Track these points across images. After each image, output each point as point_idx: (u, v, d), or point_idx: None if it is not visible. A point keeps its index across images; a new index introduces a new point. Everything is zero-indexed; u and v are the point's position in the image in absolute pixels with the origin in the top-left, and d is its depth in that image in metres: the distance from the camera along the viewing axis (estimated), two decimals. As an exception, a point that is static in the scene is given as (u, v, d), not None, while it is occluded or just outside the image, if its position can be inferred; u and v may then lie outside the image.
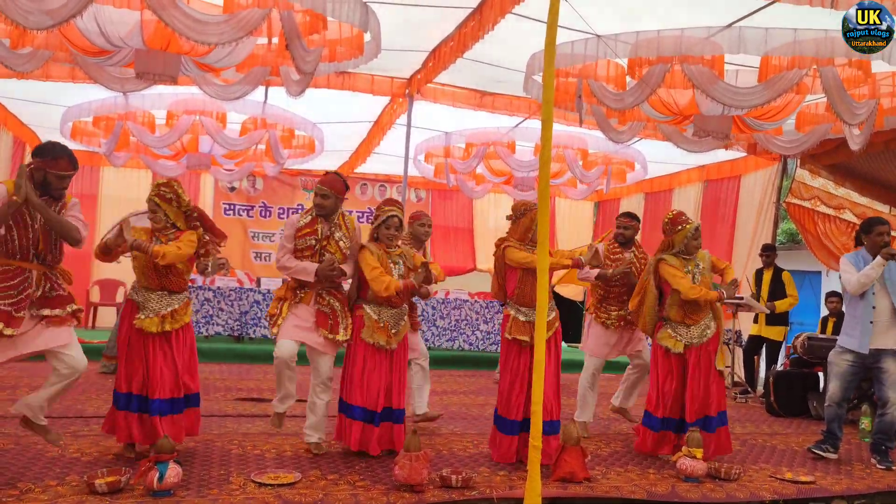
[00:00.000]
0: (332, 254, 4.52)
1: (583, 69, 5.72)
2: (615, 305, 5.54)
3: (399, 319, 4.62)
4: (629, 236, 5.67)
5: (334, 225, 4.60)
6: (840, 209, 9.04)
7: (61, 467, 3.96)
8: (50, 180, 3.80)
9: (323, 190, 4.57)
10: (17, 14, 4.19)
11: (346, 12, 4.84)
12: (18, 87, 7.45)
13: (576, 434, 4.27)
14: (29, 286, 3.77)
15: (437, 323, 9.81)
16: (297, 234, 4.56)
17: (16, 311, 3.70)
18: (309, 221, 4.59)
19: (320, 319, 4.53)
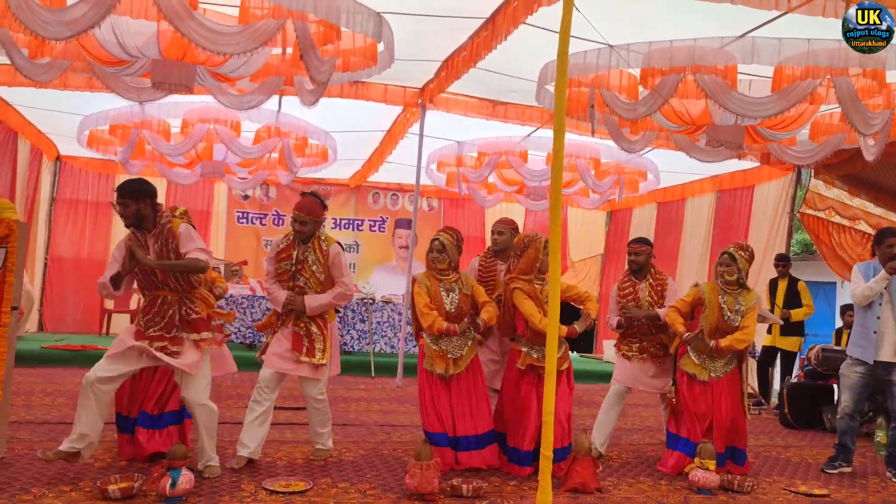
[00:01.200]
0: (306, 278, 4.49)
1: (595, 79, 5.73)
2: (636, 339, 5.28)
3: (461, 347, 4.64)
4: (641, 263, 5.27)
5: (308, 248, 4.54)
6: (855, 220, 8.97)
7: (75, 473, 3.99)
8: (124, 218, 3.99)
9: (301, 217, 4.49)
10: (36, 25, 4.25)
11: (360, 23, 4.88)
12: (36, 96, 7.55)
13: (587, 445, 4.26)
14: (169, 309, 4.00)
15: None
16: (276, 259, 4.57)
17: (167, 332, 3.96)
18: (286, 246, 4.58)
19: (295, 342, 4.47)
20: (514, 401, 4.62)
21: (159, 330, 3.96)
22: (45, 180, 10.73)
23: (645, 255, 5.29)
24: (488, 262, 5.19)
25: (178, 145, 8.02)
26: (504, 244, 5.12)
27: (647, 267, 5.32)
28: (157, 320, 3.98)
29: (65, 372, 7.77)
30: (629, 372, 5.24)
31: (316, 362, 4.46)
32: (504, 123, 7.94)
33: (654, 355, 5.23)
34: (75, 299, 11.07)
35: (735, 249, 5.02)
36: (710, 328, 4.89)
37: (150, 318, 3.99)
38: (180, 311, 4.02)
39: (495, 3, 5.23)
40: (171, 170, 9.14)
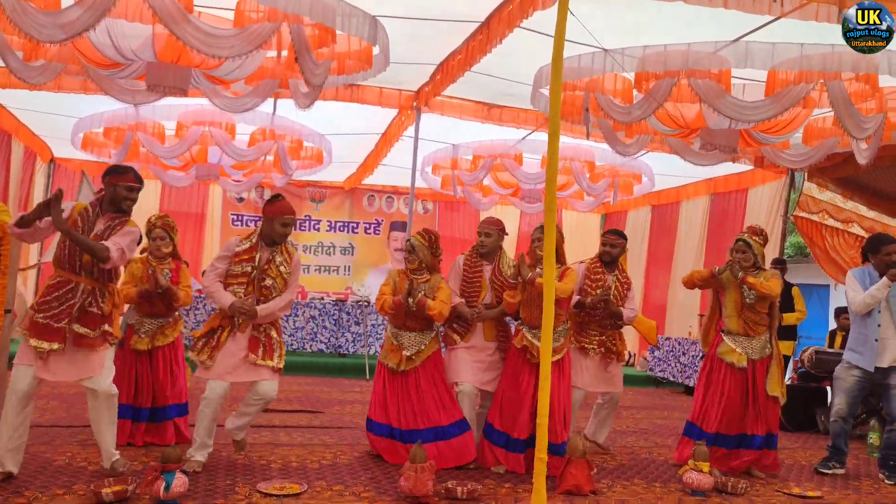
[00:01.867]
0: (273, 279, 4.32)
1: (590, 83, 5.75)
2: (596, 331, 5.21)
3: (418, 344, 4.77)
4: (615, 255, 5.29)
5: (276, 250, 4.38)
6: (848, 223, 9.02)
7: (68, 476, 3.98)
8: (119, 193, 4.01)
9: (288, 220, 4.35)
10: (31, 27, 4.25)
11: (355, 26, 4.89)
12: (30, 98, 7.53)
13: (581, 447, 4.26)
14: (72, 298, 3.86)
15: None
16: (234, 259, 4.33)
17: (55, 322, 3.80)
18: (248, 248, 4.36)
19: (252, 345, 4.29)
20: (510, 387, 4.70)
21: (50, 318, 3.79)
22: (39, 182, 10.69)
23: (620, 248, 5.32)
24: (473, 263, 4.98)
25: (173, 148, 8.01)
26: (491, 247, 4.94)
27: (617, 260, 5.34)
28: (55, 305, 3.82)
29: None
30: (586, 369, 5.18)
31: (274, 366, 4.32)
32: (499, 126, 7.96)
33: (610, 351, 5.22)
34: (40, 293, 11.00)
35: (749, 235, 5.08)
36: (733, 307, 5.01)
37: (49, 301, 3.82)
38: (83, 301, 3.87)
39: (490, 7, 5.25)
40: (166, 172, 9.13)
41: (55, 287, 3.88)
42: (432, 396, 4.72)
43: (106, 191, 4.03)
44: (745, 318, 4.97)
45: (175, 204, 11.60)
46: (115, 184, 4.01)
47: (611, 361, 5.27)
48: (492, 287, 4.92)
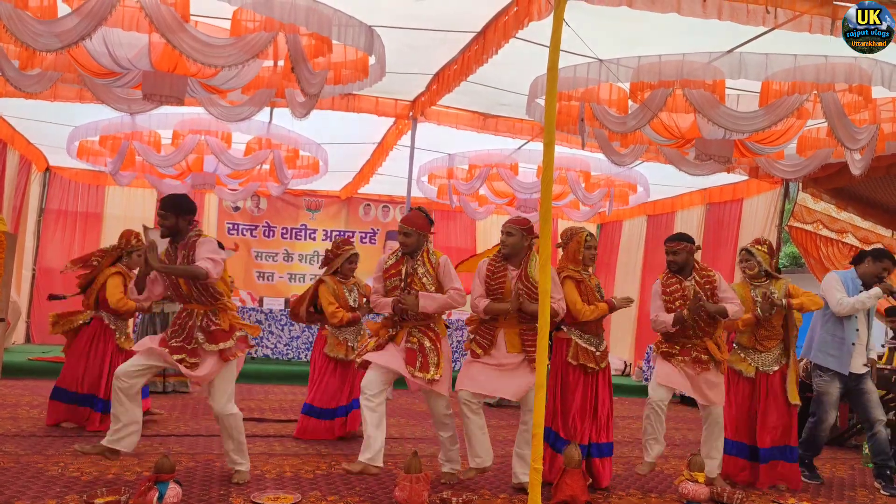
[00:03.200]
0: (417, 290, 4.44)
1: (585, 93, 5.77)
2: (680, 341, 4.80)
3: (357, 338, 5.77)
4: (681, 262, 4.84)
5: (417, 262, 4.52)
6: (842, 233, 9.04)
7: (61, 486, 3.95)
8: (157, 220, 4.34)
9: (404, 228, 4.51)
10: (27, 36, 4.25)
11: (352, 36, 4.91)
12: (26, 107, 7.53)
13: (577, 457, 4.25)
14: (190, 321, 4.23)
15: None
16: (385, 275, 4.55)
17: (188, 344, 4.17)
18: (394, 262, 4.56)
19: (409, 357, 4.40)
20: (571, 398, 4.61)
21: (180, 341, 4.18)
22: (34, 191, 10.67)
23: (684, 253, 4.84)
24: (497, 267, 4.57)
25: (169, 156, 8.01)
26: (514, 247, 4.55)
27: (689, 265, 4.86)
28: (179, 332, 4.21)
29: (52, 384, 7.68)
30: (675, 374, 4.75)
31: (429, 377, 4.34)
32: (495, 136, 7.98)
33: (697, 360, 4.74)
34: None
35: (752, 245, 5.20)
36: (745, 324, 5.01)
37: (175, 330, 4.23)
38: (202, 322, 4.21)
39: (486, 18, 5.27)
40: (162, 181, 9.11)
41: (177, 318, 4.29)
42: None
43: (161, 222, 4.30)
44: (758, 334, 5.02)
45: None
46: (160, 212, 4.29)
47: (704, 371, 4.75)
48: (516, 294, 4.46)
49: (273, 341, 9.80)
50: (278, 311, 10.00)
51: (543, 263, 3.37)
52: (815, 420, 5.34)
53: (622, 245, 12.25)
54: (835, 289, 5.23)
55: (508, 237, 4.55)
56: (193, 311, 4.24)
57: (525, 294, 4.44)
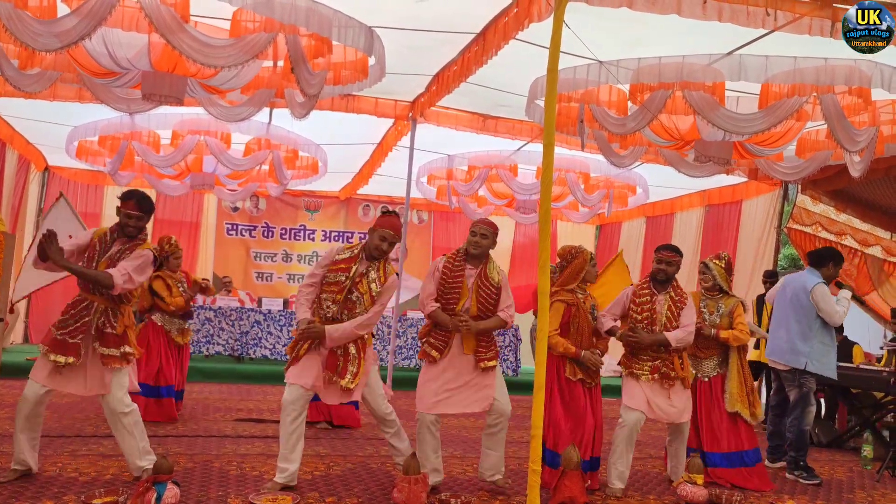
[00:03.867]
0: (361, 294, 4.27)
1: (585, 94, 5.77)
2: (648, 356, 4.74)
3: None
4: (671, 273, 4.82)
5: (373, 266, 4.33)
6: (841, 235, 9.05)
7: (58, 487, 3.94)
8: (122, 219, 4.20)
9: (391, 236, 4.32)
10: (26, 36, 4.25)
11: (351, 37, 4.90)
12: (25, 107, 7.52)
13: (576, 459, 4.25)
14: (87, 315, 4.06)
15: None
16: (332, 266, 4.31)
17: (70, 337, 4.00)
18: (347, 258, 4.33)
19: (330, 362, 4.25)
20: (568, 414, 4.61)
21: (66, 333, 4.00)
22: (33, 191, 10.66)
23: (676, 267, 4.84)
24: (456, 265, 4.46)
25: (168, 157, 8.00)
26: (485, 249, 4.50)
27: (671, 280, 4.87)
28: (71, 322, 4.03)
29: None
30: (643, 395, 4.69)
31: (344, 385, 4.20)
32: (494, 137, 7.98)
33: (667, 377, 4.68)
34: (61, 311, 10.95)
35: (710, 259, 5.28)
36: None
37: (66, 319, 4.05)
38: (97, 320, 4.07)
39: (486, 19, 5.27)
40: (161, 181, 9.12)
41: (73, 305, 4.11)
42: None
43: (119, 215, 4.21)
44: (698, 343, 5.00)
45: (169, 213, 11.57)
46: (120, 210, 4.20)
47: (670, 388, 4.71)
48: (476, 294, 4.40)
49: (272, 342, 9.79)
50: (277, 311, 10.00)
51: (543, 264, 3.36)
52: (800, 413, 5.41)
53: (621, 246, 12.24)
54: (829, 300, 5.37)
55: (483, 239, 4.48)
56: (93, 305, 4.07)
57: (481, 298, 4.41)
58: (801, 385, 5.44)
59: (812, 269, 5.59)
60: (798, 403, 5.44)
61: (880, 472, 5.54)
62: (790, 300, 5.55)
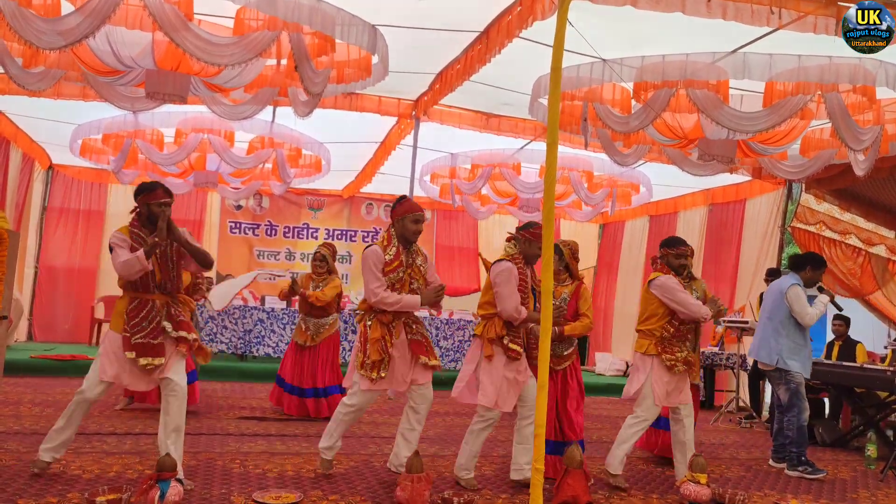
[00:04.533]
0: (417, 281, 4.47)
1: (588, 92, 5.76)
2: (678, 346, 4.75)
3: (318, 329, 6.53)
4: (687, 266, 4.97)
5: (413, 252, 4.52)
6: (845, 234, 9.03)
7: (62, 484, 3.95)
8: (153, 211, 4.09)
9: (418, 216, 4.45)
10: (30, 34, 4.26)
11: (355, 35, 4.91)
12: (29, 105, 7.54)
13: (579, 457, 4.25)
14: (156, 316, 4.06)
15: (440, 343, 9.80)
16: (387, 267, 4.39)
17: (152, 339, 4.01)
18: (395, 254, 4.42)
19: (417, 348, 4.43)
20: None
21: (145, 336, 4.00)
22: (37, 189, 10.69)
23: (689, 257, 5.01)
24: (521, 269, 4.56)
25: (172, 155, 8.02)
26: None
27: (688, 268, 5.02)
28: (145, 325, 4.02)
29: (54, 382, 7.71)
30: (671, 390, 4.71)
31: (434, 363, 4.46)
32: (497, 136, 7.97)
33: (691, 365, 4.80)
34: (65, 308, 11.01)
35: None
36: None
37: (139, 322, 4.02)
38: (165, 314, 4.10)
39: (489, 17, 5.27)
40: (164, 179, 9.10)
41: (137, 309, 4.05)
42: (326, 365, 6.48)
43: (141, 210, 4.13)
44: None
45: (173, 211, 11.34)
46: (147, 203, 4.11)
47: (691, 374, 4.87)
48: (533, 293, 4.57)
49: (275, 339, 9.80)
50: (280, 310, 10.01)
51: (546, 263, 3.36)
52: (797, 411, 5.47)
53: (624, 245, 12.24)
54: (802, 301, 5.50)
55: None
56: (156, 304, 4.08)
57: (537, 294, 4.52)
58: (788, 382, 5.52)
59: (792, 272, 5.71)
60: (791, 401, 5.51)
61: (884, 471, 5.52)
62: (768, 301, 5.75)
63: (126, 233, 4.11)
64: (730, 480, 5.10)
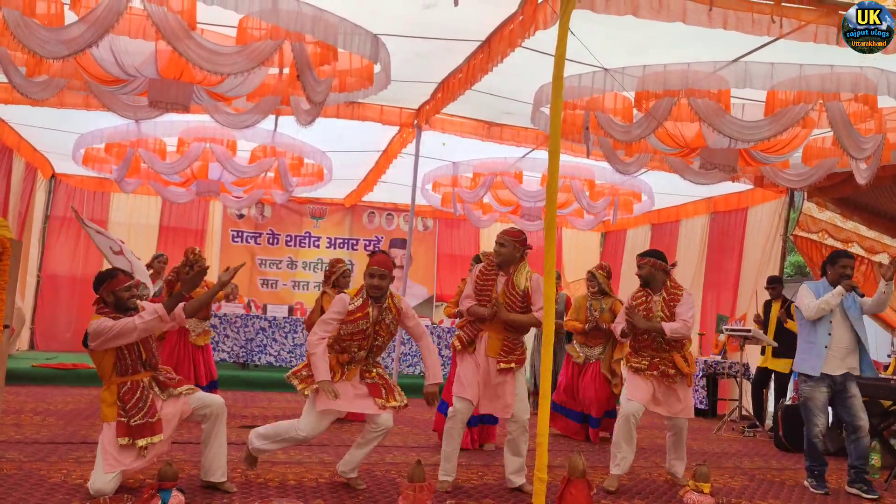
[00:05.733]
0: (384, 337, 4.48)
1: (590, 101, 5.77)
2: (647, 353, 5.05)
3: None
4: (644, 276, 5.12)
5: (385, 308, 4.45)
6: (848, 242, 9.01)
7: (64, 494, 3.94)
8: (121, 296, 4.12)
9: (380, 271, 4.38)
10: (34, 43, 4.28)
11: (357, 44, 4.92)
12: (32, 114, 7.56)
13: (581, 466, 4.23)
14: (149, 394, 4.10)
15: (442, 352, 9.78)
16: (349, 316, 4.35)
17: (151, 417, 4.04)
18: (360, 305, 4.38)
19: (374, 391, 4.42)
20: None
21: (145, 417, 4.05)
22: (39, 198, 10.71)
23: (647, 268, 5.08)
24: (488, 272, 4.73)
25: (174, 164, 8.03)
26: (506, 257, 4.66)
27: (656, 280, 5.08)
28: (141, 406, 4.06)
29: (55, 391, 7.70)
30: (646, 389, 4.97)
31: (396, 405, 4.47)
32: (499, 144, 7.98)
33: (666, 374, 4.95)
34: (67, 317, 11.01)
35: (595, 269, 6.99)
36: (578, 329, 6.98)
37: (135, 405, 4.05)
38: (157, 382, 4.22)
39: (491, 26, 5.28)
40: (167, 188, 9.15)
41: (131, 392, 4.04)
42: None
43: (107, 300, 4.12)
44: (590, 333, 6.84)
45: (175, 220, 11.61)
46: (113, 290, 4.10)
47: (672, 384, 4.99)
48: (504, 298, 4.60)
49: (276, 349, 9.79)
50: (282, 318, 10.00)
51: (549, 270, 3.36)
52: (807, 425, 5.37)
53: (626, 254, 12.23)
54: (804, 296, 5.36)
55: (501, 248, 4.69)
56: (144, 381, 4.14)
57: (507, 302, 4.60)
58: (800, 394, 5.44)
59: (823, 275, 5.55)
60: (804, 414, 5.40)
61: (888, 481, 5.49)
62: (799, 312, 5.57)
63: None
64: (733, 490, 5.07)
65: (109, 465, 3.94)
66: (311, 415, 4.35)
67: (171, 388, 4.19)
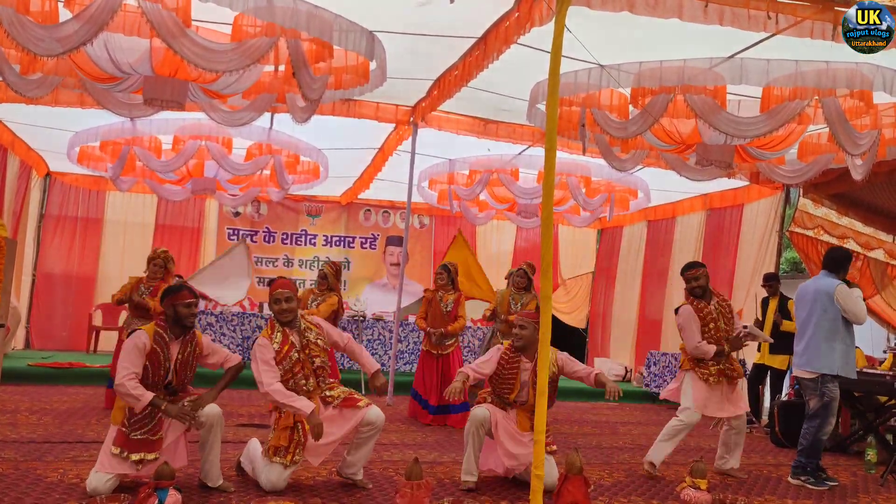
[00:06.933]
0: (318, 355, 4.35)
1: (586, 98, 5.77)
2: (713, 360, 5.25)
3: None
4: (704, 286, 5.33)
5: (303, 330, 4.36)
6: (843, 238, 9.04)
7: (60, 493, 3.93)
8: (180, 312, 4.14)
9: (286, 294, 4.30)
10: (28, 41, 4.25)
11: (353, 41, 4.91)
12: (27, 112, 7.53)
13: (579, 464, 4.23)
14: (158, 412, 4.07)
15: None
16: (278, 356, 4.23)
17: (152, 435, 4.04)
18: (281, 340, 4.27)
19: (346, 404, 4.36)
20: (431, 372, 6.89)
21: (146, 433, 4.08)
22: (34, 196, 10.67)
23: (705, 278, 5.34)
24: (510, 358, 4.64)
25: (170, 162, 8.01)
26: (527, 340, 4.59)
27: (708, 289, 5.37)
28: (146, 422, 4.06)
29: (51, 390, 7.68)
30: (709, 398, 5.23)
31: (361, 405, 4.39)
32: (495, 141, 7.98)
33: (731, 378, 5.31)
34: (63, 316, 10.98)
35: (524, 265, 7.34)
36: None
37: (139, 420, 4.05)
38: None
39: (487, 23, 5.27)
40: (162, 186, 9.12)
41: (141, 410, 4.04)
42: None
43: (167, 312, 4.18)
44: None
45: (171, 218, 11.58)
46: (173, 305, 4.15)
47: (733, 386, 5.35)
48: (532, 386, 4.51)
49: (273, 347, 9.78)
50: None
51: (545, 268, 3.36)
52: (820, 423, 5.32)
53: (622, 250, 12.25)
54: (856, 299, 5.33)
55: (522, 330, 4.61)
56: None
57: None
58: (823, 394, 5.31)
59: (826, 271, 5.50)
60: (819, 412, 5.32)
61: (884, 476, 5.51)
62: (807, 307, 5.46)
63: (150, 332, 4.10)
64: (730, 486, 5.08)
65: (101, 466, 3.96)
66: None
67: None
